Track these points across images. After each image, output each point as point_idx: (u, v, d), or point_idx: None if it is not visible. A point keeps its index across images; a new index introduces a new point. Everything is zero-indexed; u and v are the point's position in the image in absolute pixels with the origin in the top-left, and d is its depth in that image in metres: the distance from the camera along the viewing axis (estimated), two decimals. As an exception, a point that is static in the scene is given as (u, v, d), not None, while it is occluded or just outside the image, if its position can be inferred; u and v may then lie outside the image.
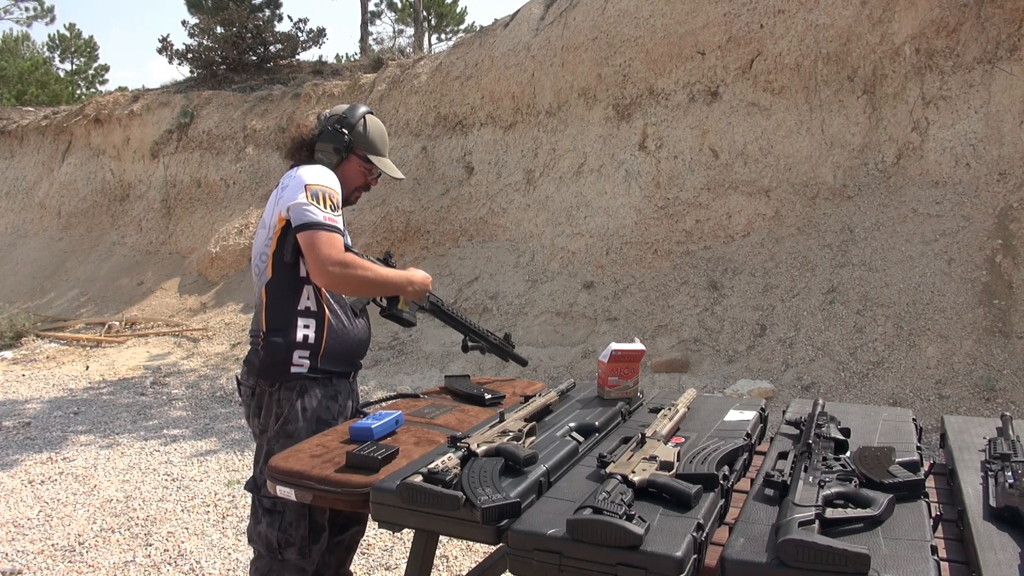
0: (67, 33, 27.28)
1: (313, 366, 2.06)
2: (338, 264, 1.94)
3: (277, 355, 2.04)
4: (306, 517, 1.98)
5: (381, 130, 2.27)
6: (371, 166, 2.22)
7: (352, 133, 2.17)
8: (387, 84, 9.47)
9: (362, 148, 2.19)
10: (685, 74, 6.94)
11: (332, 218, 1.97)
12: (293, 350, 2.04)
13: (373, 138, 2.22)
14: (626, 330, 5.97)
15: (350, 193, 2.23)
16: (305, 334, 2.05)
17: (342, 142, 2.16)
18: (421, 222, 8.19)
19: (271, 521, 2.00)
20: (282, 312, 2.05)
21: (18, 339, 9.04)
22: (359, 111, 2.21)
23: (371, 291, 2.12)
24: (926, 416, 4.30)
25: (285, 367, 2.04)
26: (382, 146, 2.25)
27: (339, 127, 2.17)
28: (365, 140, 2.20)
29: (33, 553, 3.36)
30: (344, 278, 1.97)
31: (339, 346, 2.11)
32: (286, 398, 2.04)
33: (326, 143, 2.16)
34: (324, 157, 2.16)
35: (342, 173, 2.17)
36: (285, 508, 1.98)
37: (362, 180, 2.24)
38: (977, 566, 1.17)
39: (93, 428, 5.48)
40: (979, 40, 5.60)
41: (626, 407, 2.04)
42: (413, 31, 19.94)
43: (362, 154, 2.20)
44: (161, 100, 11.93)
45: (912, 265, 5.25)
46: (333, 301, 2.12)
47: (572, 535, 1.24)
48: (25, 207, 13.23)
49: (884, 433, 1.74)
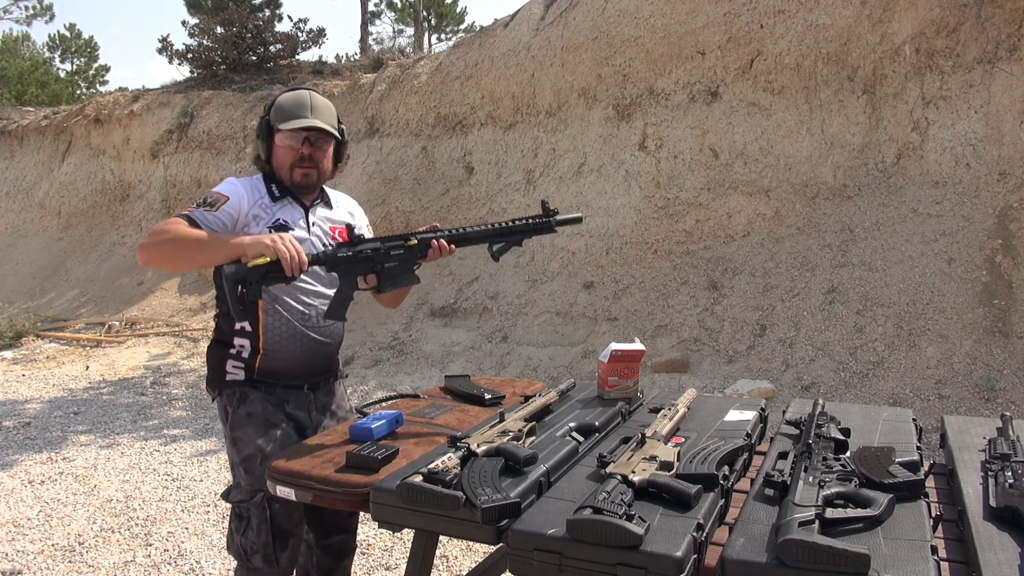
0: (67, 33, 27.28)
1: (249, 377, 2.05)
2: (147, 235, 1.89)
3: (214, 364, 2.08)
4: (267, 523, 1.95)
5: (296, 95, 2.08)
6: (284, 133, 2.04)
7: (269, 113, 2.07)
8: (387, 84, 9.47)
9: (277, 122, 2.04)
10: (685, 74, 6.94)
11: (190, 208, 1.96)
12: (227, 360, 2.05)
13: (283, 105, 2.05)
14: (626, 330, 5.97)
15: (290, 176, 2.07)
16: (239, 350, 2.05)
17: (262, 127, 2.07)
18: (421, 222, 8.19)
19: (238, 526, 2.00)
20: (223, 329, 2.07)
21: (18, 339, 9.03)
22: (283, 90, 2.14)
23: (188, 254, 1.89)
24: (926, 416, 4.29)
25: (222, 376, 2.06)
26: (294, 108, 2.04)
27: (262, 114, 2.11)
28: (277, 113, 2.05)
29: (33, 553, 3.36)
30: (149, 247, 1.88)
31: (280, 364, 2.05)
32: (229, 404, 2.05)
33: (256, 138, 2.10)
34: (259, 150, 2.10)
35: (275, 160, 2.08)
36: (250, 514, 1.97)
37: (290, 154, 2.06)
38: (977, 566, 1.17)
39: (93, 428, 5.48)
40: (979, 40, 5.60)
41: (626, 407, 2.04)
42: (413, 31, 19.94)
43: (277, 127, 2.04)
44: (161, 100, 11.93)
45: (912, 265, 5.25)
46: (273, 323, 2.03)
47: (572, 535, 1.24)
48: (25, 207, 13.23)
49: (884, 433, 1.74)
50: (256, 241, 1.82)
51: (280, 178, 2.10)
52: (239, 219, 2.01)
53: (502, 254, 2.04)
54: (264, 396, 2.04)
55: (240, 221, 2.01)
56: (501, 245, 2.03)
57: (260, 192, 2.07)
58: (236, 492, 2.02)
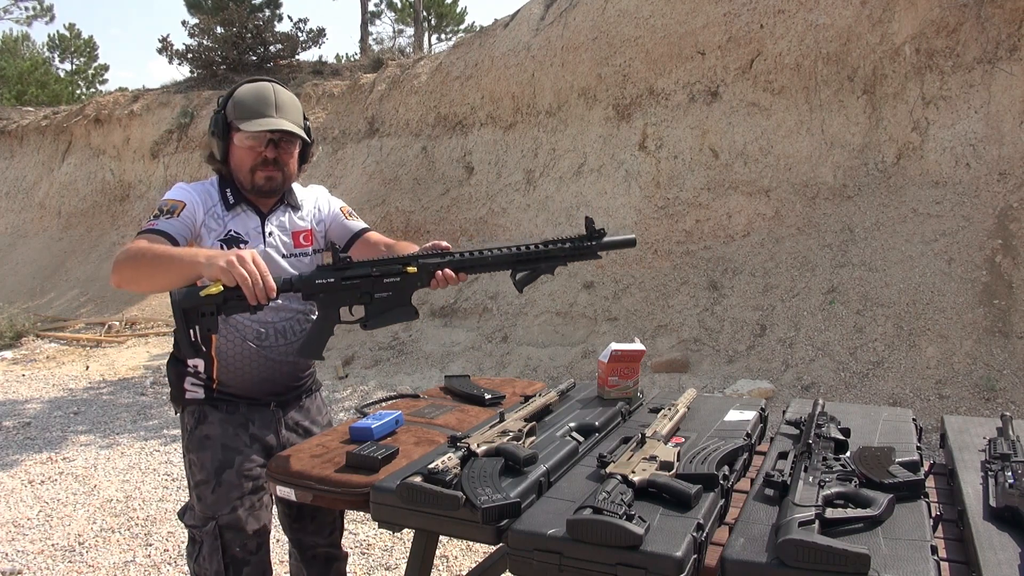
0: (67, 33, 27.30)
1: (209, 395, 1.89)
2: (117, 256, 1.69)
3: (173, 380, 1.92)
4: (219, 551, 1.82)
5: (254, 89, 1.83)
6: (243, 133, 1.79)
7: (225, 108, 1.83)
8: (387, 84, 9.47)
9: (235, 119, 1.80)
10: (685, 74, 6.94)
11: (150, 222, 1.77)
12: (185, 377, 1.90)
13: (242, 100, 1.80)
14: (626, 330, 5.97)
15: (250, 180, 1.84)
16: (195, 365, 1.89)
17: (218, 123, 1.82)
18: (421, 222, 8.19)
19: (191, 551, 1.88)
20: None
21: (18, 339, 9.04)
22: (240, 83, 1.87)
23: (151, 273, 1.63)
24: (926, 416, 4.29)
25: (181, 393, 1.91)
26: (256, 105, 1.80)
27: (217, 108, 1.84)
28: (235, 109, 1.80)
29: (33, 553, 3.36)
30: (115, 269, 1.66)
31: (241, 379, 1.88)
32: (188, 423, 1.91)
33: (209, 135, 1.85)
34: (214, 149, 1.86)
35: (232, 161, 1.85)
36: (203, 540, 1.84)
37: (250, 156, 1.82)
38: (977, 566, 1.17)
39: (93, 428, 5.48)
40: (979, 40, 5.60)
41: (626, 407, 2.04)
42: (413, 31, 19.94)
43: (236, 126, 1.80)
44: (161, 100, 11.93)
45: (912, 265, 5.25)
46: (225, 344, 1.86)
47: (572, 535, 1.24)
48: (25, 207, 13.23)
49: (884, 433, 1.74)
50: (211, 262, 1.51)
51: (239, 181, 1.86)
52: (196, 228, 1.80)
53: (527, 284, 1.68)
54: (225, 416, 1.87)
55: (195, 231, 1.80)
56: (526, 273, 1.69)
57: (213, 199, 1.86)
58: (190, 516, 1.91)
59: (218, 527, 1.83)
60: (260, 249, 1.83)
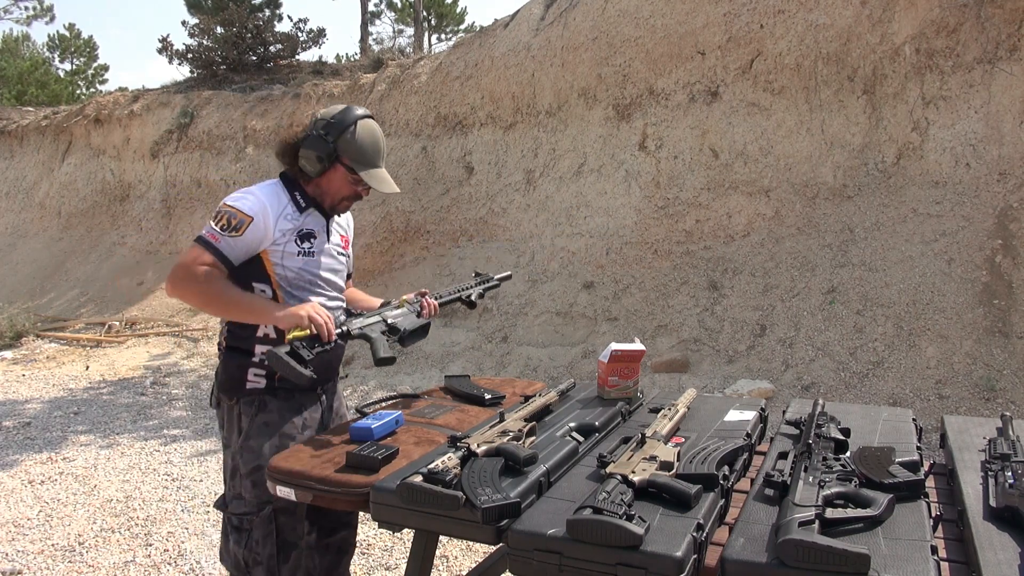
0: (67, 33, 27.27)
1: (270, 384, 2.01)
2: (180, 268, 1.87)
3: (233, 371, 2.01)
4: (273, 535, 1.92)
5: (375, 138, 2.04)
6: (358, 178, 2.02)
7: (339, 140, 1.98)
8: (387, 84, 9.47)
9: (349, 158, 1.99)
10: (685, 74, 6.94)
11: (214, 234, 1.90)
12: (248, 368, 2.00)
13: (363, 147, 2.00)
14: (626, 330, 5.97)
15: (336, 203, 2.08)
16: (262, 357, 1.98)
17: (325, 150, 1.97)
18: (421, 222, 8.19)
19: (238, 539, 1.96)
20: (241, 335, 2.02)
21: (18, 339, 9.03)
22: (352, 115, 2.01)
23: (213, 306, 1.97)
24: (926, 416, 4.29)
25: (241, 383, 2.00)
26: (374, 155, 2.03)
27: (324, 133, 1.98)
28: (353, 149, 1.99)
29: (33, 553, 3.36)
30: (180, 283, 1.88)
31: None
32: (246, 413, 2.00)
33: (309, 150, 1.98)
34: (307, 164, 2.01)
35: (326, 182, 2.03)
36: (252, 526, 1.93)
37: (349, 191, 2.05)
38: (977, 566, 1.17)
39: (93, 428, 5.48)
40: (979, 40, 5.60)
41: (626, 407, 2.04)
42: (413, 31, 19.93)
43: (348, 164, 2.00)
44: (161, 100, 11.93)
45: (912, 265, 5.25)
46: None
47: (572, 535, 1.24)
48: (25, 207, 13.23)
49: (884, 433, 1.74)
50: (290, 314, 1.87)
51: (321, 197, 2.06)
52: (265, 237, 1.96)
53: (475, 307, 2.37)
54: (283, 404, 2.01)
55: (267, 238, 1.97)
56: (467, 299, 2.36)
57: (282, 202, 2.02)
58: (238, 504, 1.98)
59: (274, 511, 1.91)
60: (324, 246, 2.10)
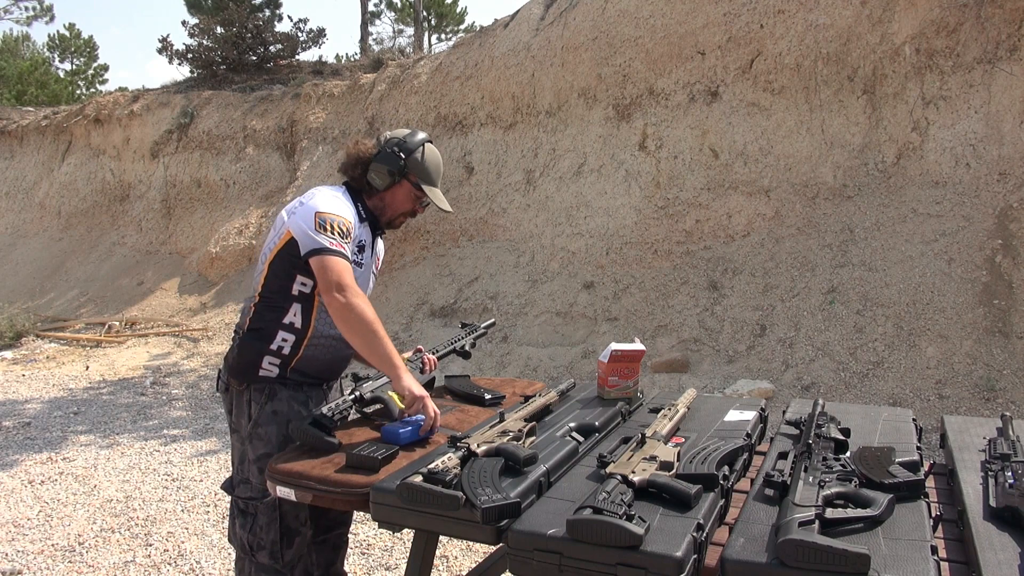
0: (67, 33, 27.28)
1: (282, 374, 2.07)
2: (340, 288, 1.92)
3: (248, 356, 2.07)
4: (277, 521, 1.99)
5: (437, 160, 2.26)
6: (422, 194, 2.21)
7: (409, 159, 2.17)
8: (387, 84, 9.47)
9: (416, 175, 2.19)
10: (685, 74, 6.94)
11: (339, 244, 1.98)
12: (264, 355, 2.06)
13: (429, 167, 2.21)
14: (626, 330, 5.97)
15: (395, 217, 2.24)
16: (281, 345, 2.06)
17: (397, 166, 2.16)
18: (421, 222, 8.19)
19: (243, 523, 2.03)
20: (266, 319, 2.07)
21: (18, 339, 9.04)
22: (419, 137, 2.22)
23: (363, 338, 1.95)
24: (926, 416, 4.29)
25: (254, 369, 2.06)
26: (436, 176, 2.25)
27: (397, 150, 2.17)
28: (420, 168, 2.19)
29: (33, 553, 3.36)
30: (344, 305, 1.91)
31: (314, 364, 2.12)
32: (256, 400, 2.06)
33: (381, 164, 2.16)
34: (377, 178, 2.17)
35: (391, 196, 2.20)
36: (257, 511, 2.00)
37: (410, 206, 2.23)
38: (977, 566, 1.17)
39: (93, 428, 5.48)
40: (979, 40, 5.60)
41: (626, 407, 2.04)
42: (413, 31, 19.94)
43: (415, 181, 2.19)
44: (161, 100, 11.93)
45: (912, 265, 5.25)
46: (322, 327, 2.09)
47: (572, 535, 1.24)
48: (25, 207, 13.23)
49: (884, 433, 1.74)
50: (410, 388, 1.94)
51: (382, 210, 2.21)
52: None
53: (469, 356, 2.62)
54: (292, 394, 2.08)
55: None
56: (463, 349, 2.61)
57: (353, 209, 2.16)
58: (244, 488, 2.04)
59: (278, 498, 1.93)
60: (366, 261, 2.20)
